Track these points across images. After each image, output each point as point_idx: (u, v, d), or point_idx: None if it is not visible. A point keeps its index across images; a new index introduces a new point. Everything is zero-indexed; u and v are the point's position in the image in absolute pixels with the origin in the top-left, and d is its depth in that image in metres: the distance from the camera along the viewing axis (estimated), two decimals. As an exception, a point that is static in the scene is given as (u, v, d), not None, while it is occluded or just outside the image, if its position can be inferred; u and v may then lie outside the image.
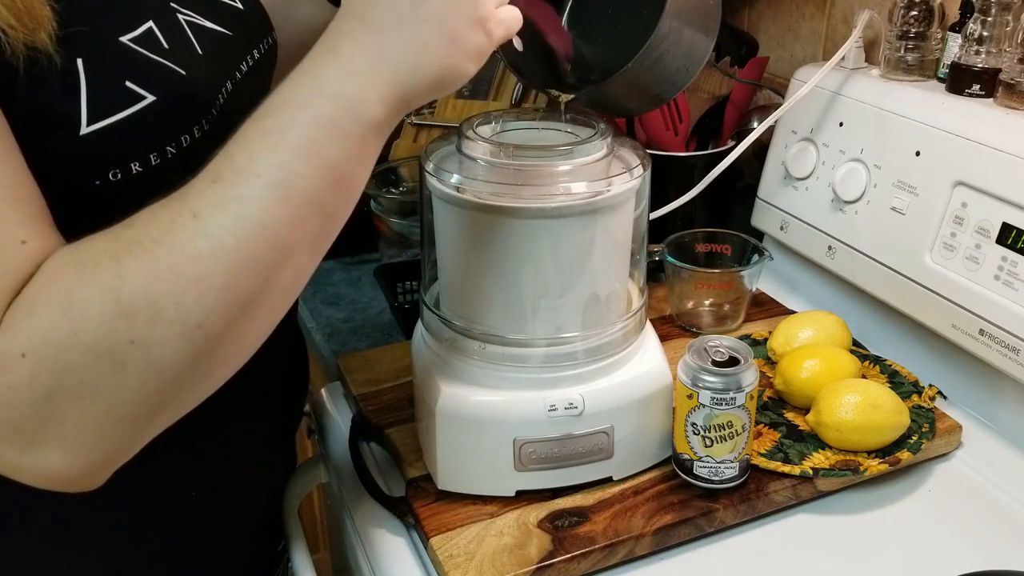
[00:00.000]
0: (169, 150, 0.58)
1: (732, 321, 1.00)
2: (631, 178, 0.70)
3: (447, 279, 0.75)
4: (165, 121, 0.58)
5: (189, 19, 0.65)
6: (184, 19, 0.65)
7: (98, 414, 0.48)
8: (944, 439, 0.80)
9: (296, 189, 0.51)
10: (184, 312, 0.48)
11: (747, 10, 1.27)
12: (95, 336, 0.47)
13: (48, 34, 0.52)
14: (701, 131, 1.11)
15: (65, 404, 0.47)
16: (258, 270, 0.50)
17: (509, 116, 0.76)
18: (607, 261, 0.72)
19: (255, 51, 0.72)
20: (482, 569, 0.67)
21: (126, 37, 0.58)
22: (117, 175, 0.56)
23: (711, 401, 0.70)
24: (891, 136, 0.92)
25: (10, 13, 0.50)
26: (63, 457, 0.48)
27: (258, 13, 0.75)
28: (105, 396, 0.48)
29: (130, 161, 0.56)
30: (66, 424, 0.48)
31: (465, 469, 0.73)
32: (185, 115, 0.60)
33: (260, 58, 0.73)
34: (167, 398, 0.50)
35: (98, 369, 0.47)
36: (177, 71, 0.60)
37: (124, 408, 0.49)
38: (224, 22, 0.68)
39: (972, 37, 0.87)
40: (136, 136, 0.56)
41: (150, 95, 0.57)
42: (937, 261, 0.86)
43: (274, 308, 0.53)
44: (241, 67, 0.69)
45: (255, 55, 0.72)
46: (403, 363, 0.89)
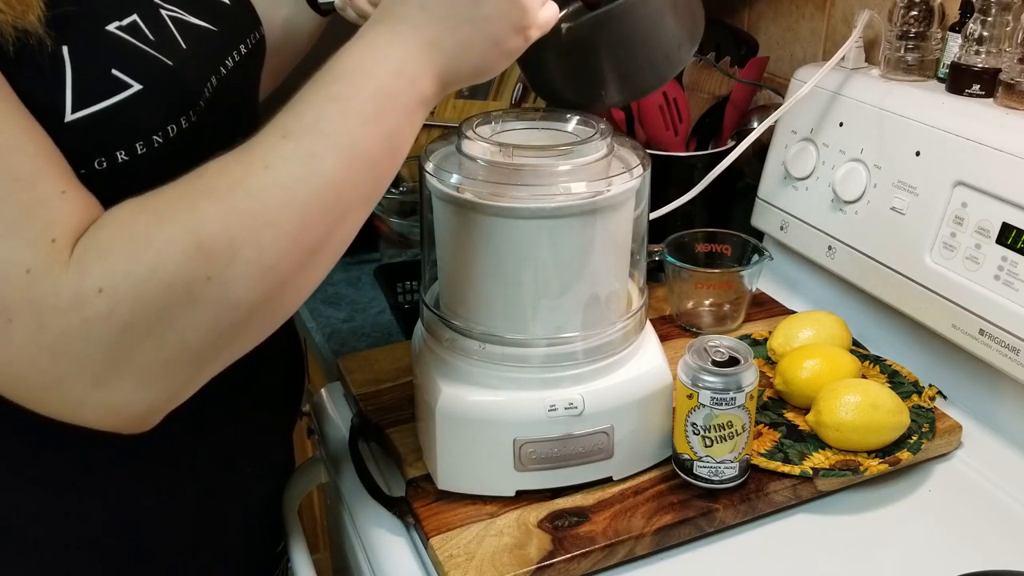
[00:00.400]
0: (156, 139, 0.58)
1: (732, 321, 1.00)
2: (631, 178, 0.70)
3: (447, 279, 0.75)
4: (152, 110, 0.58)
5: (172, 15, 0.65)
6: (167, 14, 0.64)
7: (171, 347, 0.50)
8: (944, 439, 0.80)
9: (360, 151, 0.55)
10: (259, 254, 0.51)
11: (747, 10, 1.27)
12: (174, 272, 0.49)
13: (38, 16, 0.52)
14: (701, 131, 1.11)
15: (141, 337, 0.49)
16: (325, 221, 0.54)
17: (509, 116, 0.76)
18: (607, 261, 0.72)
19: (241, 46, 0.72)
20: (482, 569, 0.67)
21: (113, 25, 0.58)
22: (103, 163, 0.56)
23: (711, 401, 0.70)
24: (891, 136, 0.92)
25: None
26: (133, 390, 0.50)
27: (245, 9, 0.75)
28: (180, 329, 0.49)
29: (116, 149, 0.56)
30: (140, 357, 0.49)
31: (465, 469, 0.73)
32: (172, 105, 0.59)
33: (247, 53, 0.72)
34: (235, 335, 0.53)
35: (175, 303, 0.49)
36: (164, 61, 0.60)
37: (196, 343, 0.50)
38: (209, 18, 0.68)
39: (972, 37, 0.87)
40: (122, 124, 0.56)
41: (137, 83, 0.57)
42: (937, 261, 0.86)
43: (332, 257, 0.56)
44: (227, 62, 0.69)
45: (241, 50, 0.72)
46: (403, 363, 0.90)
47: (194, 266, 0.49)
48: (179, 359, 0.51)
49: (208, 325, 0.50)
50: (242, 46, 0.72)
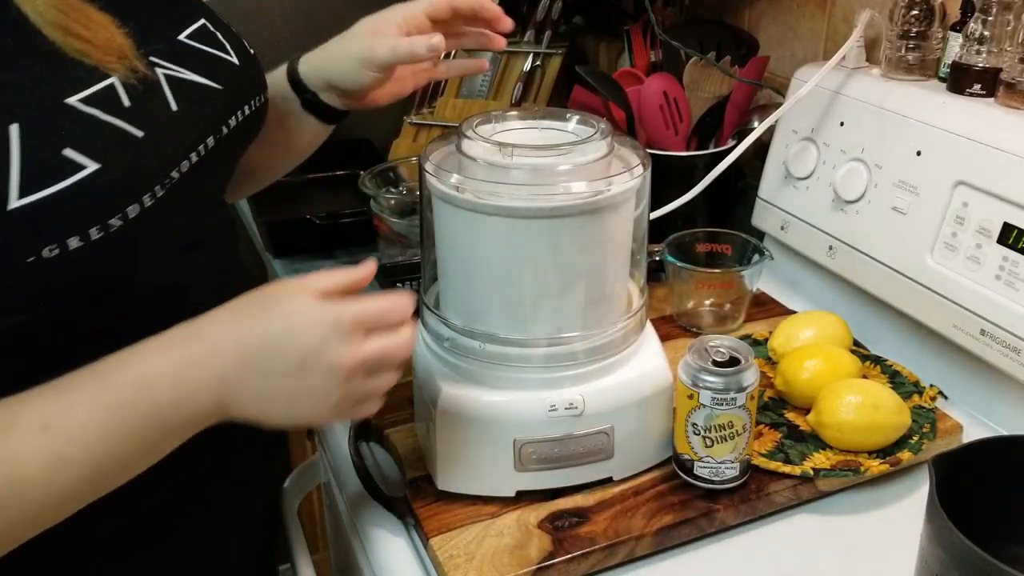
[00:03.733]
0: (113, 223, 0.54)
1: (733, 321, 1.00)
2: (631, 177, 0.70)
3: (447, 279, 0.75)
4: (108, 191, 0.54)
5: (170, 73, 0.62)
6: (164, 73, 0.61)
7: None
8: (945, 439, 0.80)
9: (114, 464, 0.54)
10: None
11: (747, 10, 1.27)
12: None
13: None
14: (701, 131, 1.10)
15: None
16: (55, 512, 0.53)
17: (509, 116, 0.76)
18: (607, 261, 0.72)
19: (246, 107, 0.69)
20: (482, 569, 0.66)
21: (74, 98, 0.54)
22: (54, 250, 0.52)
23: (712, 401, 0.70)
24: (892, 136, 0.92)
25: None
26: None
27: (254, 69, 0.73)
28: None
29: (67, 236, 0.52)
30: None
31: (465, 469, 0.73)
32: (133, 183, 0.56)
33: (249, 116, 0.70)
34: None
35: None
36: (131, 133, 0.56)
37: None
38: (214, 76, 0.66)
39: (973, 36, 0.87)
40: (74, 209, 0.52)
41: (93, 163, 0.53)
42: (938, 261, 0.86)
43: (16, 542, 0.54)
44: (229, 122, 0.67)
45: (245, 111, 0.69)
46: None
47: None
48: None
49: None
50: (246, 107, 0.70)
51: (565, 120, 0.75)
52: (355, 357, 0.57)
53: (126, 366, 0.54)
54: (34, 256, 0.52)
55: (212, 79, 0.66)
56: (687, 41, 1.06)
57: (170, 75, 0.62)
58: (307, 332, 0.56)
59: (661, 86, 1.06)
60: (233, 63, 0.69)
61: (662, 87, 1.06)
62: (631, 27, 1.21)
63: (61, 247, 0.52)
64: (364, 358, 0.57)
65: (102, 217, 0.54)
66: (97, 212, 0.53)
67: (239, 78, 0.69)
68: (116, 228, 0.54)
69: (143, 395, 0.54)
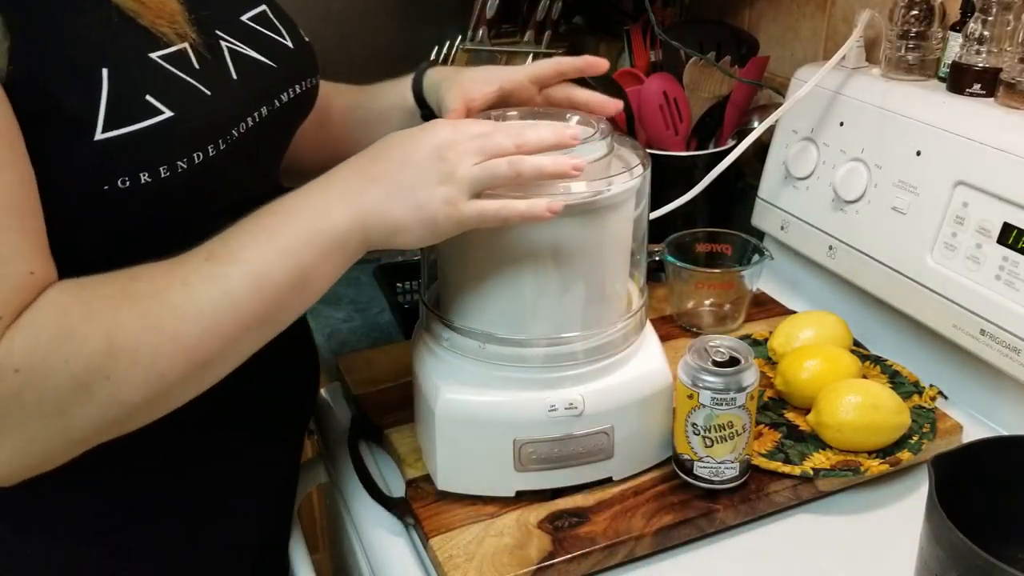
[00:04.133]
0: (180, 164, 0.60)
1: (732, 321, 1.00)
2: (631, 177, 0.70)
3: (447, 279, 0.75)
4: (180, 137, 0.60)
5: (232, 47, 0.68)
6: (226, 45, 0.67)
7: (54, 431, 0.55)
8: (945, 439, 0.80)
9: (271, 280, 0.60)
10: (155, 361, 0.56)
11: (747, 9, 1.27)
12: (82, 367, 0.54)
13: None
14: (701, 131, 1.10)
15: (32, 418, 0.54)
16: (222, 340, 0.59)
17: (509, 115, 0.75)
18: (607, 261, 0.72)
19: (297, 86, 0.74)
20: (482, 569, 0.66)
21: (156, 53, 0.60)
22: (126, 182, 0.58)
23: (711, 401, 0.70)
24: (892, 136, 0.92)
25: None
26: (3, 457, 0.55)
27: (306, 54, 0.78)
28: (68, 417, 0.55)
29: (140, 171, 0.58)
30: (22, 433, 0.54)
31: (465, 469, 0.73)
32: (201, 133, 0.62)
33: (300, 94, 0.75)
34: (113, 429, 0.57)
35: (74, 394, 0.54)
36: (202, 90, 0.62)
37: (77, 432, 0.56)
38: (270, 55, 0.71)
39: (973, 36, 0.87)
40: (148, 148, 0.58)
41: (168, 110, 0.59)
42: (938, 261, 0.86)
43: (223, 369, 0.61)
44: (281, 97, 0.72)
45: (296, 90, 0.74)
46: (403, 363, 0.89)
47: (100, 364, 0.54)
48: (57, 442, 0.56)
49: (94, 419, 0.56)
50: (297, 86, 0.74)
51: (565, 120, 0.75)
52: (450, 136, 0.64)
53: (273, 205, 0.63)
54: (109, 185, 0.58)
55: (268, 57, 0.71)
56: (687, 41, 1.06)
57: (232, 48, 0.68)
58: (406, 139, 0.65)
59: (661, 86, 1.06)
60: (288, 46, 0.74)
61: (662, 87, 1.06)
62: (631, 27, 1.21)
63: (133, 180, 0.58)
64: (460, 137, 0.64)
65: (171, 159, 0.60)
66: (168, 153, 0.59)
67: (293, 60, 0.74)
68: (182, 171, 0.60)
69: (287, 218, 0.62)
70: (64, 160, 0.57)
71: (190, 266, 0.59)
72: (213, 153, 0.62)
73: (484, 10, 1.34)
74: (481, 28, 1.35)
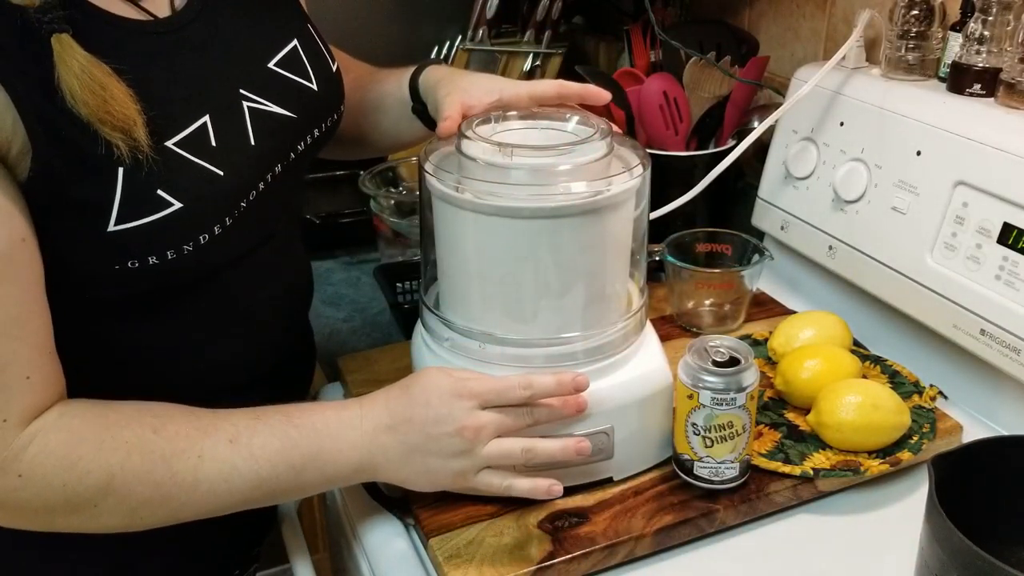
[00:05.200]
0: (186, 248, 0.64)
1: (733, 321, 1.00)
2: (631, 177, 0.70)
3: (447, 279, 0.74)
4: (187, 225, 0.63)
5: (254, 106, 0.69)
6: (248, 106, 0.69)
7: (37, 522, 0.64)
8: (945, 439, 0.80)
9: (271, 487, 0.66)
10: (139, 508, 0.63)
11: (747, 10, 1.27)
12: (77, 494, 0.61)
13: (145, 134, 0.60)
14: (701, 131, 1.10)
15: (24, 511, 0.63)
16: (208, 511, 0.66)
17: (509, 116, 0.76)
18: (607, 261, 0.72)
19: (316, 130, 0.76)
20: (482, 569, 0.66)
21: (173, 140, 0.63)
22: (135, 264, 0.62)
23: (711, 401, 0.70)
24: (892, 136, 0.92)
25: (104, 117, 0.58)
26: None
27: (331, 92, 0.78)
28: (51, 517, 0.63)
29: (148, 255, 0.62)
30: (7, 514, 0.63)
31: (465, 469, 0.73)
32: (207, 218, 0.65)
33: (320, 136, 0.76)
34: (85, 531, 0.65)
35: (62, 509, 0.62)
36: (214, 172, 0.65)
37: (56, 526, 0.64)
38: (292, 106, 0.72)
39: (973, 36, 0.87)
40: (158, 236, 0.62)
41: (178, 202, 0.62)
42: (938, 261, 0.86)
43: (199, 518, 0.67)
44: (298, 147, 0.73)
45: (315, 135, 0.75)
46: (403, 363, 0.89)
47: (92, 497, 0.61)
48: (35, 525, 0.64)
49: (72, 525, 0.63)
50: (316, 130, 0.76)
51: (565, 120, 0.75)
52: (473, 422, 0.67)
53: (307, 413, 0.68)
54: (119, 265, 0.62)
55: (289, 109, 0.72)
56: (687, 41, 1.06)
57: (253, 107, 0.69)
58: (434, 401, 0.67)
59: (661, 86, 1.06)
60: (312, 90, 0.75)
61: (662, 87, 1.06)
62: (631, 27, 1.21)
63: (141, 262, 0.62)
64: (479, 423, 0.67)
65: (179, 244, 0.63)
66: (177, 240, 0.63)
67: (314, 104, 0.75)
68: (188, 253, 0.64)
69: (309, 440, 0.66)
70: (78, 244, 0.61)
71: (210, 442, 0.64)
72: (219, 232, 0.65)
73: (484, 10, 1.34)
74: (481, 28, 1.35)
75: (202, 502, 0.65)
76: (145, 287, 0.65)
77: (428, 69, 0.83)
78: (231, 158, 0.66)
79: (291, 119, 0.72)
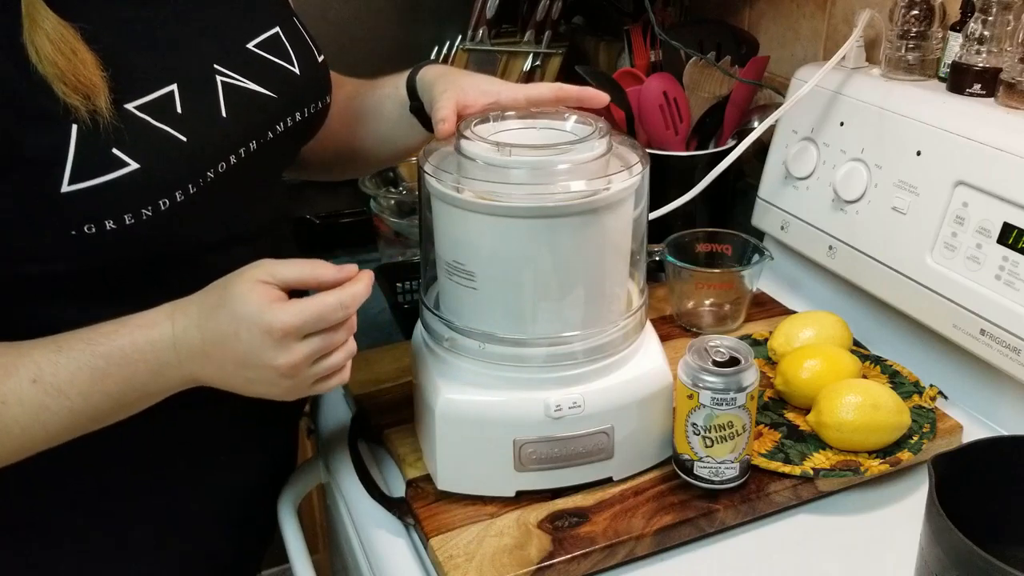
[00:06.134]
0: (145, 212, 0.62)
1: (733, 321, 1.00)
2: (630, 176, 0.70)
3: (446, 279, 0.74)
4: (145, 187, 0.62)
5: (230, 82, 0.68)
6: (223, 81, 0.68)
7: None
8: (945, 439, 0.80)
9: (90, 415, 0.63)
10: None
11: (747, 10, 1.27)
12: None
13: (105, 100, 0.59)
14: (702, 131, 1.10)
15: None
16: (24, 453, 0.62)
17: (507, 115, 0.75)
18: (607, 260, 0.72)
19: (298, 114, 0.75)
20: (482, 569, 0.66)
21: (134, 104, 0.62)
22: (91, 228, 0.61)
23: (711, 401, 0.70)
24: (892, 136, 0.92)
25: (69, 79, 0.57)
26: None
27: (315, 79, 0.77)
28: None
29: (104, 219, 0.61)
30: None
31: (465, 469, 0.73)
32: (168, 182, 0.63)
33: (301, 121, 0.75)
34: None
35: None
36: (177, 137, 0.63)
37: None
38: (273, 87, 0.72)
39: (973, 36, 0.87)
40: (113, 198, 0.61)
41: (134, 162, 0.61)
42: (938, 261, 0.86)
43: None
44: (276, 127, 0.72)
45: (296, 117, 0.74)
46: (403, 363, 0.89)
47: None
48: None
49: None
50: (298, 114, 0.75)
51: (563, 119, 0.75)
52: (288, 361, 0.62)
53: (111, 338, 0.62)
54: (75, 230, 0.60)
55: (268, 88, 0.71)
56: (687, 41, 1.06)
57: (228, 83, 0.68)
58: (244, 335, 0.62)
59: (661, 86, 1.06)
60: (294, 73, 0.74)
61: (662, 87, 1.06)
62: (631, 27, 1.21)
63: (98, 227, 0.61)
64: (297, 360, 0.63)
65: (136, 207, 0.61)
66: (134, 203, 0.61)
67: (296, 87, 0.75)
68: (147, 218, 0.62)
69: (120, 368, 0.62)
70: (34, 205, 0.60)
71: (12, 384, 0.60)
72: (182, 199, 0.63)
73: (484, 10, 1.34)
74: (481, 28, 1.35)
75: (21, 445, 0.62)
76: (108, 259, 0.64)
77: (425, 68, 0.83)
78: (197, 126, 0.65)
79: (270, 98, 0.71)
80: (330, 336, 0.64)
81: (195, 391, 0.66)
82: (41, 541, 0.72)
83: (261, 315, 0.61)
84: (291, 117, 0.74)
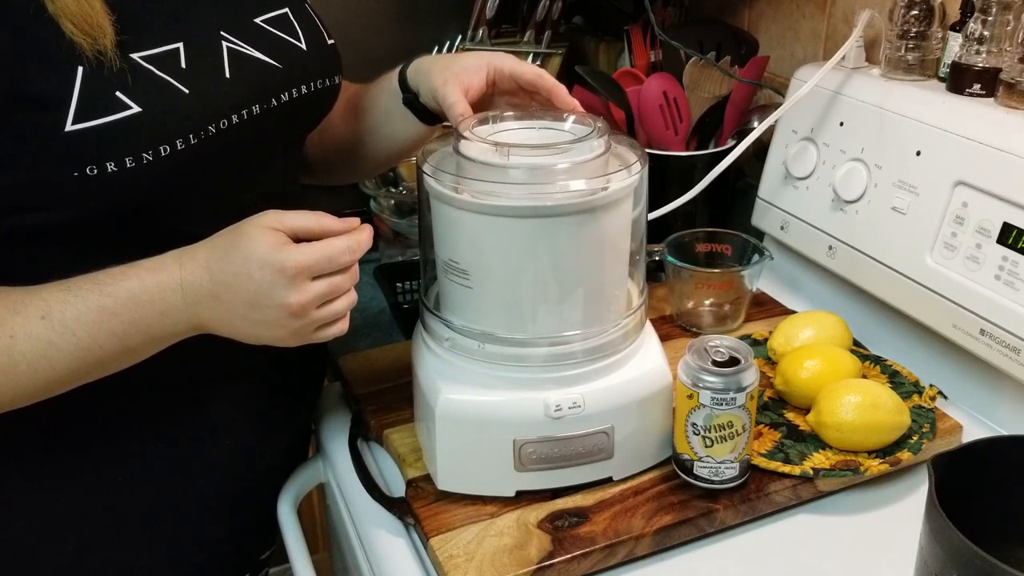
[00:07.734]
0: (146, 156, 0.63)
1: (732, 321, 1.00)
2: (629, 175, 0.70)
3: (446, 279, 0.74)
4: (146, 131, 0.63)
5: (235, 48, 0.70)
6: (228, 47, 0.71)
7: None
8: (945, 439, 0.80)
9: (96, 357, 0.64)
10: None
11: (747, 10, 1.27)
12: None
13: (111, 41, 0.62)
14: (701, 131, 1.10)
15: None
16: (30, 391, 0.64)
17: (506, 115, 0.76)
18: (606, 260, 0.72)
19: (303, 87, 0.76)
20: (482, 569, 0.66)
21: (140, 54, 0.64)
22: (94, 170, 0.62)
23: (711, 401, 0.70)
24: (892, 136, 0.92)
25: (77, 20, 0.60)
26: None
27: (322, 57, 0.79)
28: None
29: (106, 160, 0.62)
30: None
31: (465, 469, 0.73)
32: (169, 128, 0.65)
33: (308, 94, 0.76)
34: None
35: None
36: (179, 88, 0.65)
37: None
38: (277, 55, 0.74)
39: (973, 36, 0.87)
40: (115, 140, 0.62)
41: (136, 106, 0.63)
42: (938, 261, 0.86)
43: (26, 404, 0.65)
44: (280, 96, 0.74)
45: (301, 90, 0.75)
46: (403, 363, 0.89)
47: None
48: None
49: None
50: (303, 87, 0.76)
51: (562, 120, 0.75)
52: (299, 300, 0.64)
53: (119, 280, 0.64)
54: (78, 171, 0.62)
55: (274, 58, 0.73)
56: (687, 41, 1.06)
57: (232, 48, 0.71)
58: (256, 275, 0.63)
59: (661, 86, 1.06)
60: (300, 48, 0.76)
61: (662, 87, 1.06)
62: (631, 27, 1.21)
63: (100, 169, 0.62)
64: (307, 300, 0.64)
65: (137, 150, 0.63)
66: (134, 145, 0.63)
67: (303, 61, 0.76)
68: (148, 163, 0.63)
69: (127, 308, 0.63)
70: (37, 146, 0.61)
71: (20, 319, 0.62)
72: (182, 147, 0.65)
73: (484, 10, 1.34)
74: (481, 28, 1.35)
75: (26, 382, 0.63)
76: (111, 207, 0.65)
77: (415, 61, 0.84)
78: (200, 81, 0.67)
79: (275, 67, 0.73)
80: (337, 280, 0.66)
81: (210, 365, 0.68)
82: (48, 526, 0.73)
83: (275, 254, 0.63)
84: (296, 89, 0.75)
